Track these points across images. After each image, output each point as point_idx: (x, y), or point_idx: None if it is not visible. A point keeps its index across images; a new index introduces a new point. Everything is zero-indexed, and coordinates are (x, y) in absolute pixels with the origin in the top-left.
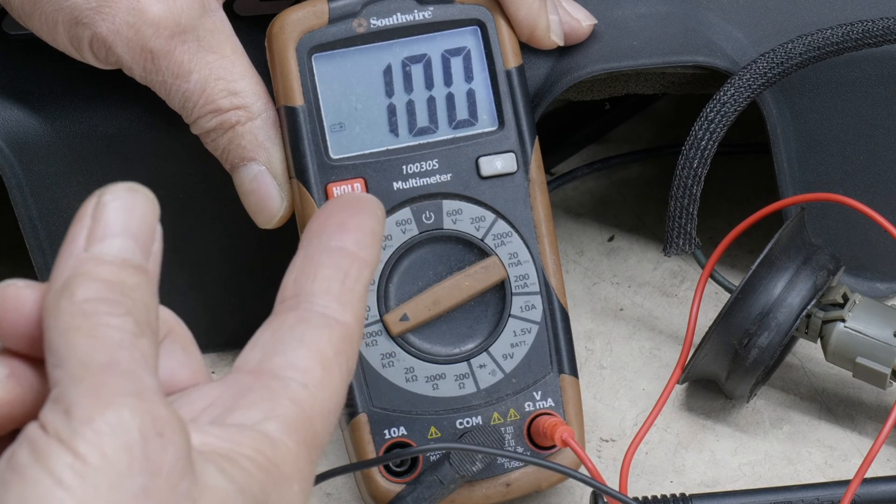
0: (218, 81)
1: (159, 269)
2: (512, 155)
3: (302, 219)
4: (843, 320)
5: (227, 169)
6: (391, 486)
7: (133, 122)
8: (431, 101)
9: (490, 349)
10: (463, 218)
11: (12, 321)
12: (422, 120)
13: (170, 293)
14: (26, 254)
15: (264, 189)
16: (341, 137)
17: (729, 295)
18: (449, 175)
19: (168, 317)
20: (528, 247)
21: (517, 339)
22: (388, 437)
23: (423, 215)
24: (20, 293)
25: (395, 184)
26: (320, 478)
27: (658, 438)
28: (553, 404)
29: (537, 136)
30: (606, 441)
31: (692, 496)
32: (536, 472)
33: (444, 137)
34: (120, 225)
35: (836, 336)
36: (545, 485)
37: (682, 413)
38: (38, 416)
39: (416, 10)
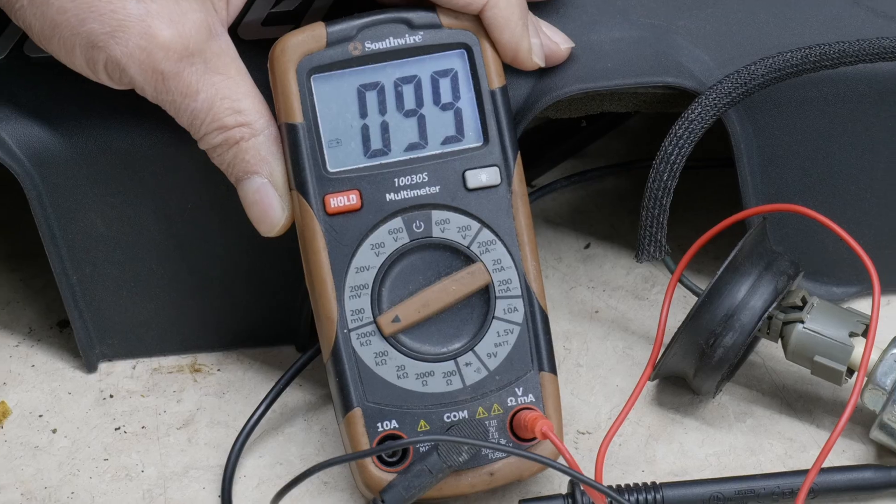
0: (224, 101)
1: None
2: (496, 169)
3: (301, 228)
4: (802, 322)
5: (231, 181)
6: (384, 475)
7: (145, 139)
8: (421, 119)
9: (475, 348)
10: (450, 227)
11: None
12: (412, 136)
13: (178, 296)
14: (45, 259)
15: (267, 200)
16: (338, 152)
17: (696, 298)
18: (437, 187)
19: None
20: (510, 254)
21: (500, 339)
22: (380, 429)
23: (414, 224)
24: None
25: (387, 195)
26: (318, 467)
27: (631, 431)
28: (533, 399)
29: (519, 151)
30: (583, 433)
31: (662, 484)
32: (518, 463)
33: (433, 152)
34: None
35: (796, 336)
36: (526, 474)
37: (653, 408)
38: None
39: (407, 35)
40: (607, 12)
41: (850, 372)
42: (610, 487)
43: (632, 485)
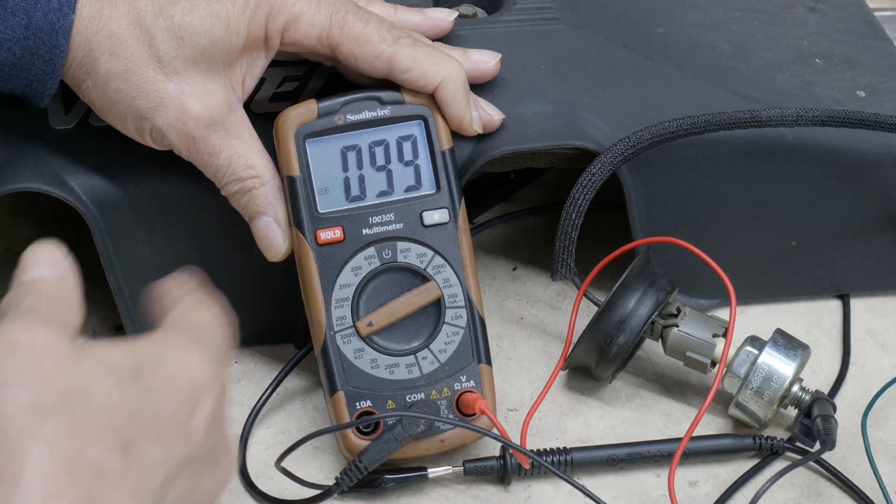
0: (240, 159)
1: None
2: (446, 210)
3: (298, 255)
4: (677, 326)
5: (246, 219)
6: (361, 442)
7: (180, 188)
8: (389, 173)
9: (430, 346)
10: (411, 254)
11: None
12: (382, 185)
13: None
14: (105, 278)
15: (272, 234)
16: (326, 197)
17: (597, 308)
18: (401, 224)
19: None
20: (456, 274)
21: (449, 339)
22: (358, 407)
23: (384, 252)
24: None
25: (363, 230)
26: (311, 436)
27: (547, 409)
28: (474, 384)
29: (463, 197)
30: (511, 410)
31: (571, 449)
32: (463, 433)
33: (398, 198)
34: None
35: (672, 337)
36: (469, 441)
37: (564, 391)
38: None
39: (378, 109)
40: (529, 92)
41: (713, 364)
42: (532, 451)
43: (548, 449)
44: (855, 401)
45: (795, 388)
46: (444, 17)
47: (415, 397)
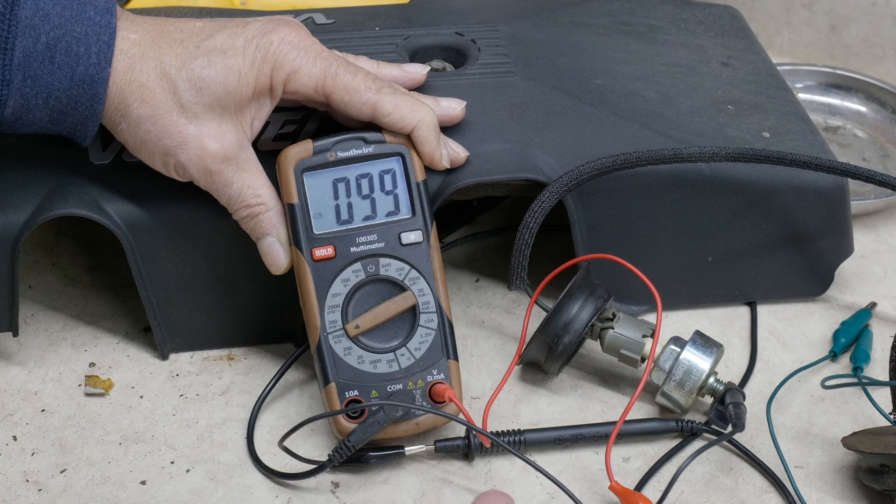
0: (249, 188)
1: None
2: (420, 231)
3: (297, 269)
4: (613, 328)
5: (253, 240)
6: (349, 425)
7: (199, 212)
8: (373, 201)
9: (407, 345)
10: (391, 268)
11: None
12: (367, 211)
13: (219, 311)
14: (136, 288)
15: (275, 252)
16: (320, 221)
17: (546, 313)
18: (383, 243)
19: None
20: (429, 285)
21: (423, 339)
22: (347, 396)
23: (368, 267)
24: None
25: (351, 248)
26: (309, 420)
27: (504, 397)
28: (444, 377)
29: (434, 220)
30: (475, 398)
31: (524, 430)
32: (434, 417)
33: (380, 221)
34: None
35: (609, 337)
36: (439, 424)
37: (519, 382)
38: None
39: (363, 147)
40: (489, 133)
41: (643, 359)
42: (491, 432)
43: (505, 430)
44: (761, 390)
45: (711, 379)
46: (419, 71)
47: (394, 388)
